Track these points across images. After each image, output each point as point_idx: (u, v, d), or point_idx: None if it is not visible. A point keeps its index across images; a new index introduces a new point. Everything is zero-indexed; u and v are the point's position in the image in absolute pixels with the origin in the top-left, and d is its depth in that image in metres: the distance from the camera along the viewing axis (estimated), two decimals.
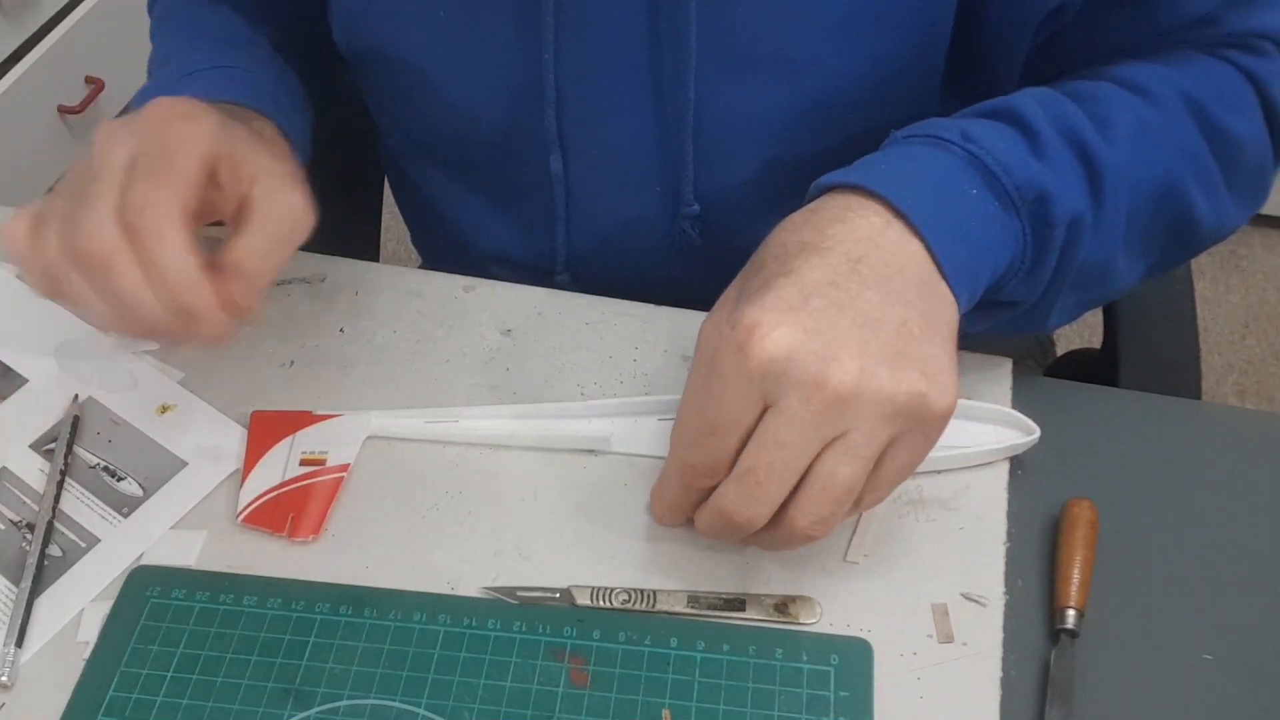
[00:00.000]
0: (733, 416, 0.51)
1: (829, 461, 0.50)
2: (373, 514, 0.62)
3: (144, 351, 0.69)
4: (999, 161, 0.56)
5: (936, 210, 0.53)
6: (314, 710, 0.55)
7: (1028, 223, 0.56)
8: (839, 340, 0.50)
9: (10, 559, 0.60)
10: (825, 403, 0.49)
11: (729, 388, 0.51)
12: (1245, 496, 0.64)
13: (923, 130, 0.58)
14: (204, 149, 0.56)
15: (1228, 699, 0.56)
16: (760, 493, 0.51)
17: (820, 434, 0.50)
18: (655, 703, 0.55)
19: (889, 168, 0.55)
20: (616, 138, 0.69)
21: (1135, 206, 0.60)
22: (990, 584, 0.59)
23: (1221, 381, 1.78)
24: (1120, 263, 0.62)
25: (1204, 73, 0.63)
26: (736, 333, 0.50)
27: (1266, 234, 1.98)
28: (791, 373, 0.49)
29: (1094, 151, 0.58)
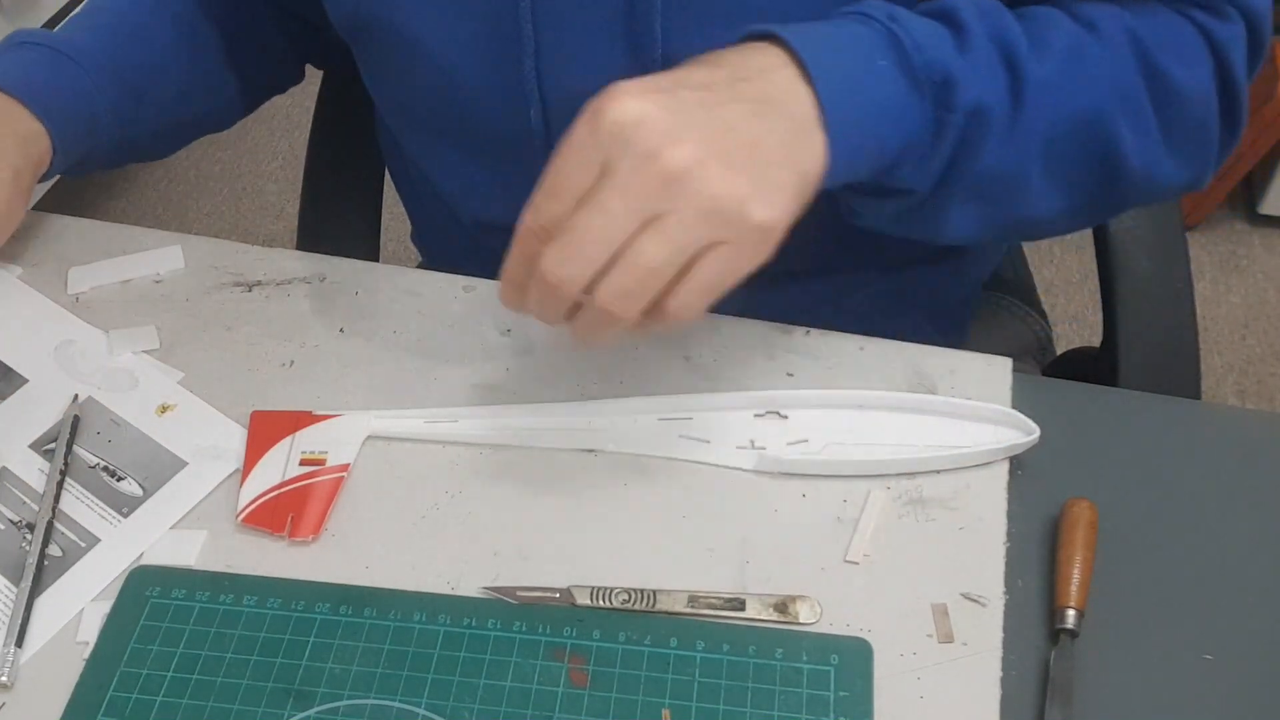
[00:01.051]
0: (572, 177, 0.52)
1: (641, 239, 0.51)
2: (373, 514, 0.62)
3: (144, 351, 0.69)
4: (914, 40, 0.56)
5: (836, 68, 0.54)
6: (314, 710, 0.55)
7: (930, 105, 0.57)
8: (688, 128, 0.51)
9: (10, 559, 0.60)
10: (653, 175, 0.50)
11: (574, 147, 0.52)
12: (1245, 496, 0.64)
13: (856, 7, 0.59)
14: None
15: (1228, 699, 0.56)
16: (575, 253, 0.51)
17: (641, 207, 0.51)
18: (655, 703, 0.55)
19: (808, 28, 0.56)
20: (593, 89, 0.69)
21: (1056, 128, 0.61)
22: (990, 584, 0.59)
23: (1221, 381, 1.78)
24: (1035, 182, 0.62)
25: (1160, 22, 0.63)
26: (598, 98, 0.52)
27: (1266, 234, 1.98)
28: (632, 140, 0.50)
29: (1021, 63, 0.59)
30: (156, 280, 0.73)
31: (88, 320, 0.71)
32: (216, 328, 0.70)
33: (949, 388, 0.67)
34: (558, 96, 0.70)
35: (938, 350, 0.69)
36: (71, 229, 0.76)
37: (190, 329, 0.70)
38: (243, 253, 0.74)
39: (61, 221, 0.76)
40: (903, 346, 0.69)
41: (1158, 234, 0.86)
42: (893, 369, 0.68)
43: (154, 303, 0.72)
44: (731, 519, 0.61)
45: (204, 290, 0.72)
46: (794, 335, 0.70)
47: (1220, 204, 1.93)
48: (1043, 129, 0.60)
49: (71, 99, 0.73)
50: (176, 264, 0.74)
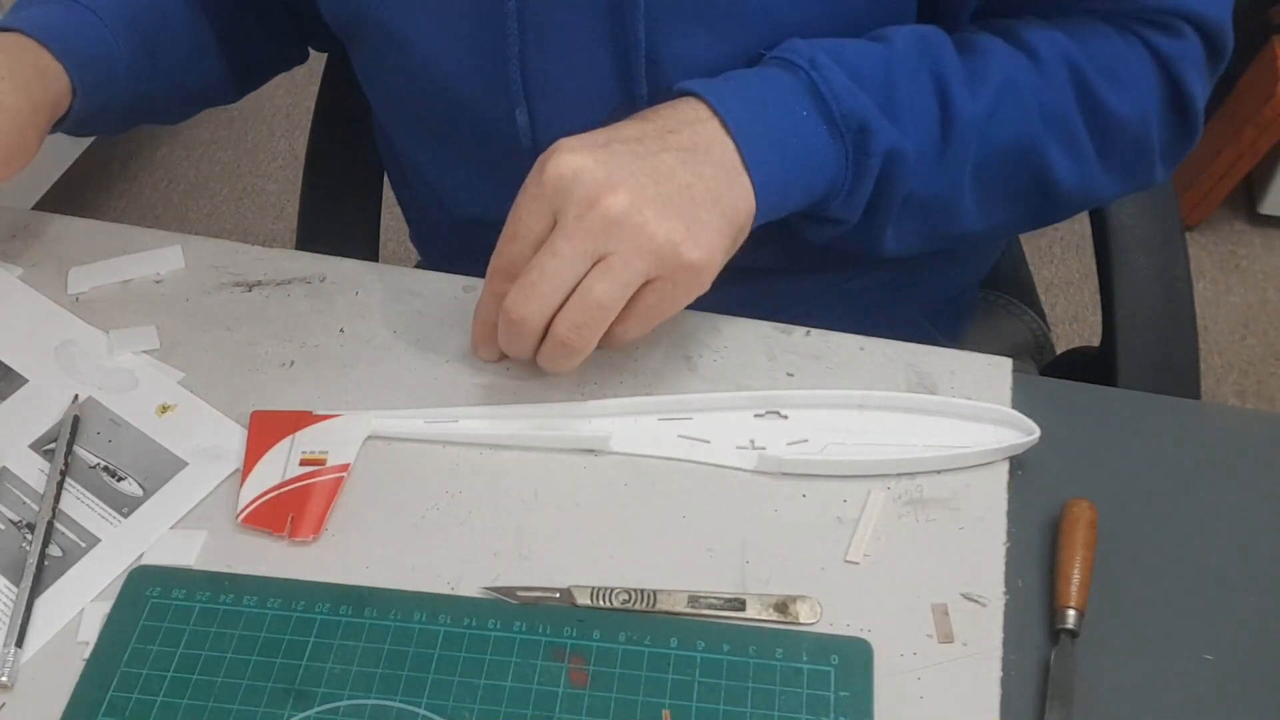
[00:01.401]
0: (527, 225, 0.59)
1: (590, 278, 0.58)
2: (373, 514, 0.62)
3: (144, 351, 0.69)
4: (832, 90, 0.62)
5: (755, 122, 0.60)
6: (314, 710, 0.55)
7: (851, 148, 0.63)
8: (623, 177, 0.57)
9: (10, 559, 0.60)
10: (595, 221, 0.57)
11: (527, 199, 0.59)
12: (1245, 496, 0.64)
13: (784, 52, 0.64)
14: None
15: (1228, 699, 0.56)
16: (535, 293, 0.58)
17: (588, 248, 0.57)
18: (655, 703, 0.55)
19: (735, 82, 0.62)
20: (577, 89, 0.70)
21: (985, 158, 0.66)
22: (990, 584, 0.59)
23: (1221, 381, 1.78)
24: (967, 205, 0.68)
25: (1104, 48, 0.68)
26: (544, 154, 0.59)
27: (1266, 234, 1.98)
28: (574, 190, 0.57)
29: (953, 99, 0.64)
30: (156, 280, 0.73)
31: (88, 320, 0.71)
32: (216, 328, 0.70)
33: (949, 388, 0.67)
34: (543, 96, 0.70)
35: (938, 350, 0.69)
36: (71, 229, 0.76)
37: (190, 329, 0.70)
38: (243, 253, 0.74)
39: (61, 221, 0.77)
40: (903, 346, 0.69)
41: (1158, 234, 0.86)
42: (893, 369, 0.68)
43: (154, 303, 0.72)
44: (731, 519, 0.61)
45: (204, 290, 0.72)
46: (794, 335, 0.70)
47: (1220, 204, 1.93)
48: (973, 158, 0.66)
49: (91, 46, 0.73)
50: (176, 264, 0.74)
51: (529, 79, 0.70)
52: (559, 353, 0.60)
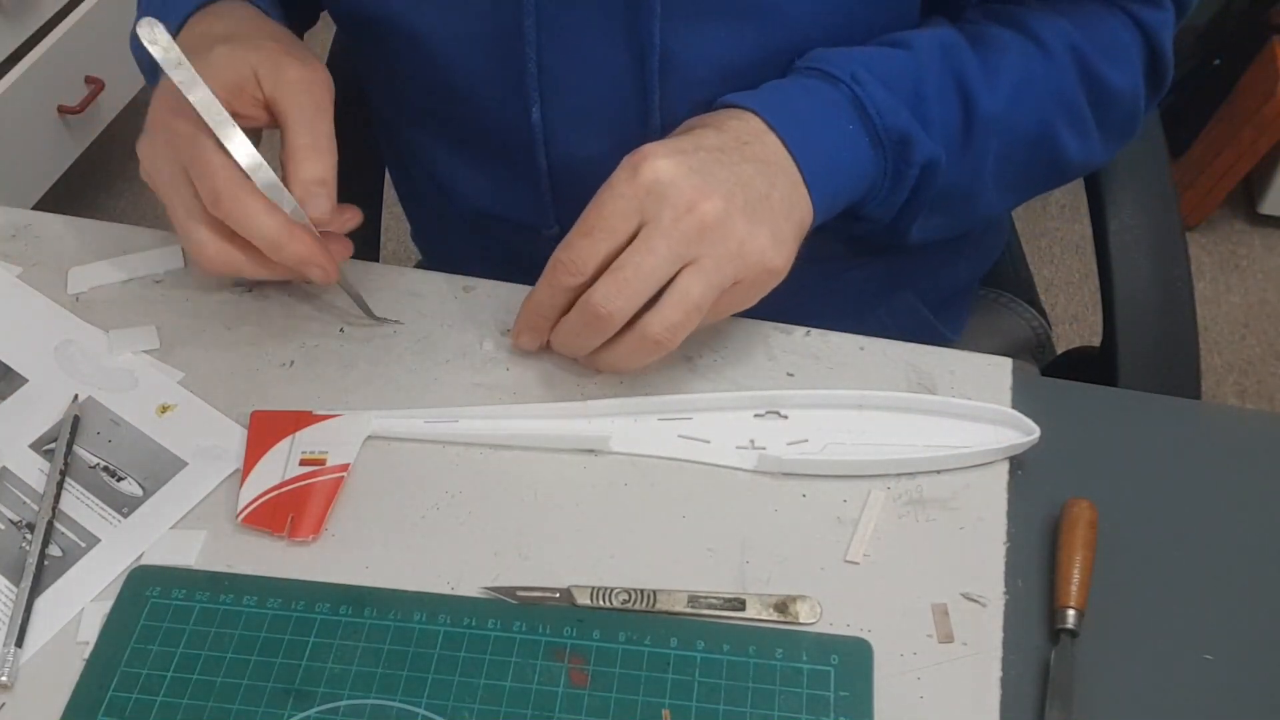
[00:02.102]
0: (610, 223, 0.59)
1: (686, 279, 0.59)
2: (373, 514, 0.62)
3: (144, 351, 0.69)
4: (875, 105, 0.65)
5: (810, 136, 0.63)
6: (314, 710, 0.55)
7: (890, 159, 0.66)
8: (714, 184, 0.59)
9: (10, 559, 0.60)
10: (692, 225, 0.58)
11: (614, 197, 0.60)
12: (1245, 496, 0.64)
13: (820, 63, 0.66)
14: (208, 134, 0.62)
15: (1228, 699, 0.56)
16: (627, 289, 0.59)
17: (683, 250, 0.58)
18: (655, 703, 0.55)
19: (781, 96, 0.65)
20: (591, 86, 0.70)
21: (1007, 149, 0.70)
22: (990, 584, 0.59)
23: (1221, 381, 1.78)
24: (987, 194, 0.72)
25: (1100, 28, 0.72)
26: (632, 158, 0.60)
27: (1266, 234, 1.98)
28: (669, 194, 0.59)
29: (974, 98, 0.68)
30: (156, 280, 0.73)
31: (88, 320, 0.71)
32: (216, 328, 0.70)
33: (949, 388, 0.67)
34: (557, 94, 0.71)
35: (938, 350, 0.69)
36: (71, 229, 0.76)
37: (190, 329, 0.70)
38: None
39: (61, 221, 0.77)
40: (903, 346, 0.69)
41: (1158, 234, 0.86)
42: (893, 369, 0.68)
43: (154, 303, 0.72)
44: (731, 519, 0.61)
45: (204, 290, 0.72)
46: (794, 335, 0.70)
47: (1220, 204, 1.93)
48: (993, 152, 0.70)
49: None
50: (176, 264, 0.74)
51: (544, 77, 0.70)
52: (643, 350, 0.61)
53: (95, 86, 1.78)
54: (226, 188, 0.61)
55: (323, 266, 0.64)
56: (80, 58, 1.76)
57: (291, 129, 0.64)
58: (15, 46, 1.68)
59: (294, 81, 0.64)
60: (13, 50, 1.67)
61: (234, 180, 0.62)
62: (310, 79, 0.65)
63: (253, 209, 0.62)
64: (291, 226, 0.63)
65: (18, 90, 1.66)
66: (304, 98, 0.65)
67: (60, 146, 1.78)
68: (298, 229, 0.63)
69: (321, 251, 0.64)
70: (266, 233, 0.62)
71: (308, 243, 0.63)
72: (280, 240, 0.62)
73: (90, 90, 1.78)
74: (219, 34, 0.67)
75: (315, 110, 0.65)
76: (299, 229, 0.63)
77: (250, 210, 0.62)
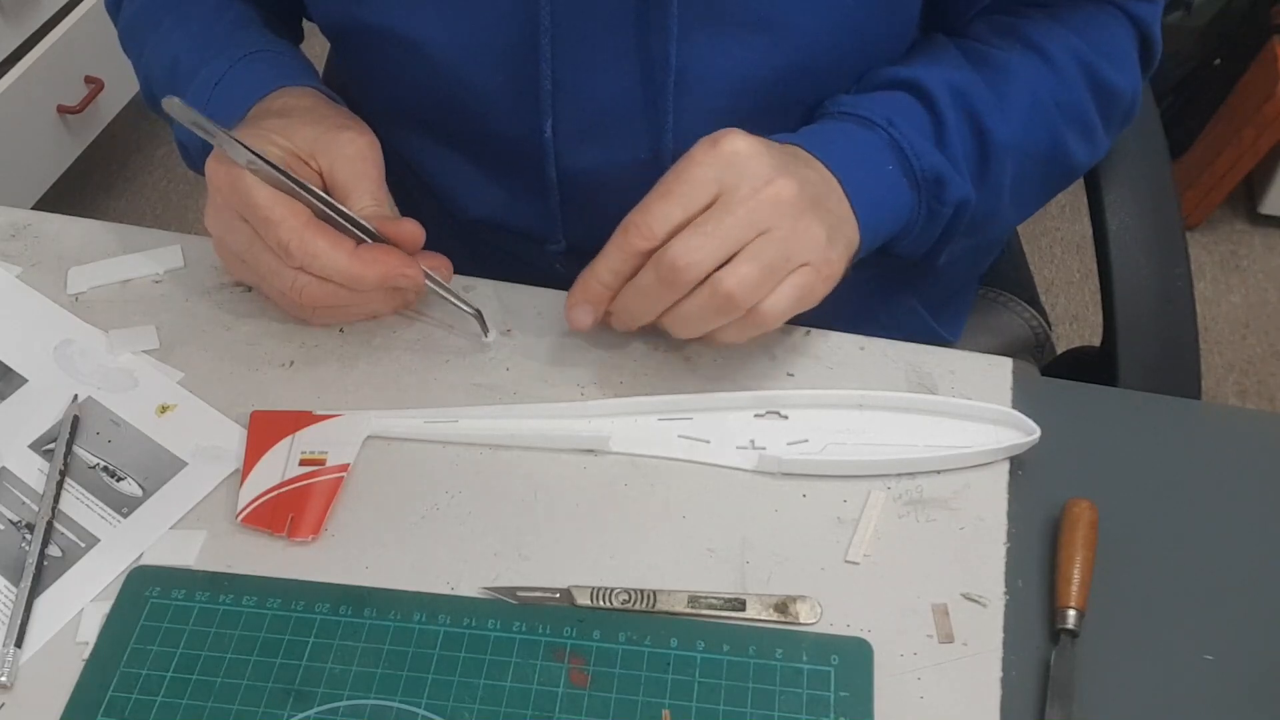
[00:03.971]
0: (689, 188, 0.60)
1: (761, 242, 0.60)
2: (373, 514, 0.62)
3: (143, 351, 0.69)
4: (912, 147, 0.67)
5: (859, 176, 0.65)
6: (314, 710, 0.55)
7: (924, 199, 0.68)
8: (790, 171, 0.61)
9: (10, 559, 0.60)
10: (768, 197, 0.60)
11: (694, 165, 0.60)
12: (1245, 496, 0.64)
13: (852, 109, 0.68)
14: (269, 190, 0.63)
15: (1228, 699, 0.56)
16: (708, 243, 0.59)
17: (759, 219, 0.60)
18: (655, 703, 0.55)
19: (826, 136, 0.67)
20: (604, 101, 0.70)
21: (1021, 169, 0.72)
22: (990, 584, 0.59)
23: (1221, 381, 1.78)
24: (1005, 213, 0.75)
25: (1098, 31, 0.74)
26: (711, 135, 0.61)
27: (1266, 234, 1.98)
28: (749, 166, 0.60)
29: (990, 131, 0.69)
30: (156, 280, 0.73)
31: (87, 320, 0.71)
32: (216, 328, 0.70)
33: (949, 388, 0.67)
34: (570, 110, 0.71)
35: (938, 350, 0.69)
36: (71, 229, 0.76)
37: (190, 329, 0.70)
38: None
39: (61, 221, 0.76)
40: (903, 346, 0.69)
41: (1158, 234, 0.86)
42: (893, 369, 0.68)
43: (154, 303, 0.72)
44: (731, 519, 0.61)
45: (204, 290, 0.72)
46: (794, 335, 0.70)
47: (1220, 204, 1.93)
48: (1009, 175, 0.72)
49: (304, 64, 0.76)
50: (176, 264, 0.74)
51: (557, 92, 0.70)
52: (713, 306, 0.60)
53: (95, 86, 1.78)
54: (291, 236, 0.62)
55: (406, 275, 0.64)
56: (80, 58, 1.76)
57: (354, 197, 0.65)
58: (15, 46, 1.68)
59: (350, 157, 0.66)
60: (13, 50, 1.67)
61: (295, 227, 0.62)
62: (365, 153, 0.66)
63: (320, 249, 0.62)
64: (362, 252, 0.63)
65: (17, 90, 1.66)
66: (360, 166, 0.66)
67: (60, 146, 1.78)
68: (369, 251, 0.63)
69: (399, 261, 0.64)
70: (340, 266, 0.63)
71: (382, 259, 0.64)
72: (355, 269, 0.63)
73: (90, 90, 1.78)
74: (275, 109, 0.68)
75: (375, 181, 0.66)
76: (370, 251, 0.64)
77: (318, 251, 0.62)
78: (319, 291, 0.64)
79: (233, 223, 0.64)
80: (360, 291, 0.65)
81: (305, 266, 0.63)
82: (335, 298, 0.65)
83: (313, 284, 0.64)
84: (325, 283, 0.64)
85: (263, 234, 0.63)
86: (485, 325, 0.68)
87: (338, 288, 0.64)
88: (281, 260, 0.63)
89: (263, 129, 0.65)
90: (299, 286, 0.64)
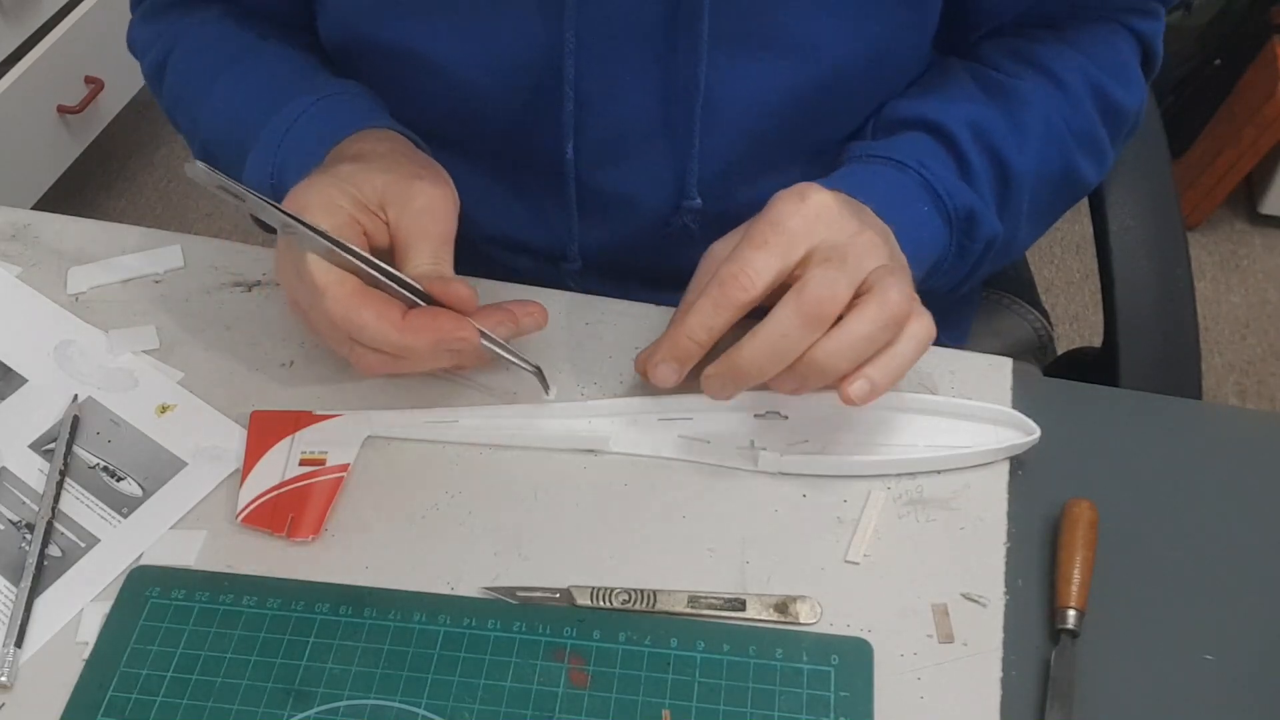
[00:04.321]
0: (786, 239, 0.59)
1: (881, 272, 0.59)
2: (373, 514, 0.62)
3: (143, 351, 0.69)
4: (945, 187, 0.68)
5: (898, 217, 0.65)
6: (314, 710, 0.55)
7: (956, 235, 0.69)
8: (866, 223, 0.61)
9: (10, 559, 0.60)
10: (865, 243, 0.60)
11: (787, 217, 0.59)
12: (1245, 496, 0.64)
13: (881, 152, 0.69)
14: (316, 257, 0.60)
15: (1228, 699, 0.56)
16: (843, 275, 0.58)
17: (867, 260, 0.59)
18: (655, 703, 0.55)
19: (862, 180, 0.67)
20: (627, 122, 0.70)
21: (1037, 195, 0.73)
22: (990, 584, 0.59)
23: (1221, 381, 1.78)
24: (1021, 238, 0.76)
25: (1107, 51, 0.75)
26: (792, 190, 0.61)
27: (1266, 234, 1.98)
28: (839, 220, 0.60)
29: (1008, 162, 0.71)
30: (156, 280, 0.73)
31: (88, 320, 0.71)
32: (216, 328, 0.70)
33: (949, 388, 0.67)
34: (593, 130, 0.71)
35: (938, 350, 0.69)
36: (71, 229, 0.76)
37: (190, 329, 0.70)
38: (242, 253, 0.74)
39: (61, 221, 0.77)
40: None
41: (1158, 234, 0.86)
42: None
43: (154, 303, 0.72)
44: (731, 519, 0.61)
45: (204, 290, 0.72)
46: None
47: (1221, 204, 1.93)
48: (1026, 202, 0.73)
49: (376, 103, 0.73)
50: (176, 264, 0.74)
51: (580, 113, 0.70)
52: (885, 321, 0.58)
53: (95, 86, 1.78)
54: (336, 308, 0.59)
55: (458, 338, 0.60)
56: (80, 58, 1.76)
57: (413, 253, 0.62)
58: (15, 46, 1.68)
59: (418, 210, 0.62)
60: (13, 50, 1.68)
61: (340, 298, 0.59)
62: (434, 205, 0.63)
63: (367, 320, 0.59)
64: (412, 319, 0.60)
65: (17, 90, 1.66)
66: (425, 221, 0.63)
67: (60, 146, 1.78)
68: (418, 318, 0.60)
69: (451, 324, 0.60)
70: (389, 339, 0.59)
71: (432, 326, 0.60)
72: (404, 339, 0.59)
73: (90, 90, 1.78)
74: (350, 154, 0.66)
75: (439, 238, 0.63)
76: (419, 317, 0.60)
77: (364, 322, 0.59)
78: (374, 360, 0.61)
79: (294, 280, 0.62)
80: (414, 358, 0.62)
81: (354, 338, 0.60)
82: (390, 365, 0.62)
83: (367, 353, 0.61)
84: (378, 351, 0.61)
85: (313, 301, 0.60)
86: (546, 382, 0.65)
87: (390, 356, 0.61)
88: (348, 354, 0.62)
89: (334, 176, 0.63)
90: (356, 355, 0.62)
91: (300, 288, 0.62)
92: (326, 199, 0.61)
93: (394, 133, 0.70)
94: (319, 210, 0.61)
